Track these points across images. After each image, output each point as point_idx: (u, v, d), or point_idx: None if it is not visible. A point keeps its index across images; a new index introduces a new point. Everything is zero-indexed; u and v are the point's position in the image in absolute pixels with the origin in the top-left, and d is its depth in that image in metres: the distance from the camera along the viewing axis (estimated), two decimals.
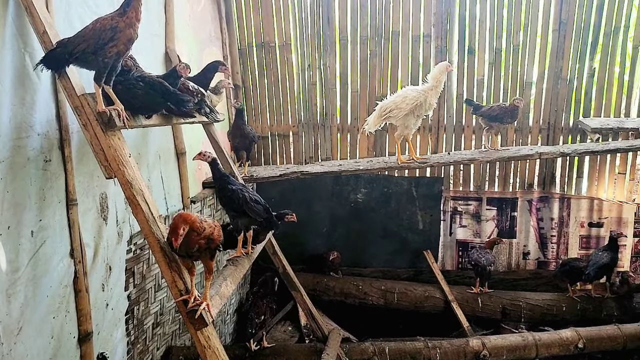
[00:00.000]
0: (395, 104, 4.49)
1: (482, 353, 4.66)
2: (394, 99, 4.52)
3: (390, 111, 4.52)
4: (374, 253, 6.02)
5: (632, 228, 5.73)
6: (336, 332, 4.68)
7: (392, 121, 4.61)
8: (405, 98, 4.45)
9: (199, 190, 4.65)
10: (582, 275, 5.24)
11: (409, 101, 4.42)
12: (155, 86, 2.83)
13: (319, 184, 5.83)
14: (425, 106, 4.49)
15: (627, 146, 5.05)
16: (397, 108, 4.47)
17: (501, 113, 4.91)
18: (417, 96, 4.42)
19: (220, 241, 2.47)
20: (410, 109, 4.44)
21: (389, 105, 4.53)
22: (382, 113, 4.58)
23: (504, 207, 5.86)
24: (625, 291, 5.29)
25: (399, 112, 4.48)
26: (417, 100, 4.42)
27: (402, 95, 4.51)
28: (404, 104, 4.44)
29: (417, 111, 4.50)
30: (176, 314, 4.09)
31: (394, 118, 4.54)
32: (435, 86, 4.45)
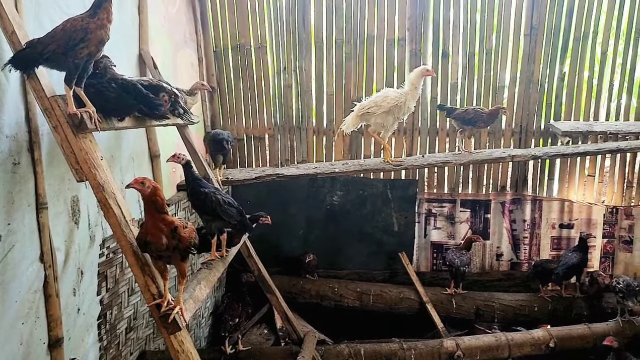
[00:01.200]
0: (375, 102, 4.56)
1: (456, 354, 4.72)
2: (374, 99, 4.61)
3: (369, 108, 4.57)
4: (349, 255, 6.04)
5: (601, 229, 5.86)
6: (312, 335, 4.69)
7: (370, 119, 4.66)
8: (387, 97, 4.53)
9: (174, 192, 4.61)
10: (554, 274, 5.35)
11: (390, 100, 4.51)
12: (128, 88, 2.80)
13: (294, 186, 5.83)
14: (404, 109, 4.55)
15: (596, 149, 5.17)
16: (376, 106, 4.54)
17: (476, 117, 4.97)
18: (397, 97, 4.51)
19: (191, 242, 2.45)
20: (389, 108, 4.50)
21: (368, 104, 4.60)
22: (361, 111, 4.63)
23: (477, 209, 5.94)
24: (594, 291, 5.40)
25: (377, 109, 4.56)
26: (398, 100, 4.49)
27: (382, 95, 4.60)
28: (384, 102, 4.52)
29: (396, 112, 4.57)
30: (150, 318, 4.04)
31: (372, 115, 4.60)
32: (413, 90, 4.51)
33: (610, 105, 5.65)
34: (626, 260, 5.88)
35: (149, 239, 2.37)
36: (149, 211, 2.39)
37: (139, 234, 2.44)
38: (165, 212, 2.39)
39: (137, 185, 2.38)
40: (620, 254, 5.89)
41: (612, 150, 5.17)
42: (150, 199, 2.37)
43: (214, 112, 5.70)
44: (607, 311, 5.35)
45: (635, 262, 5.84)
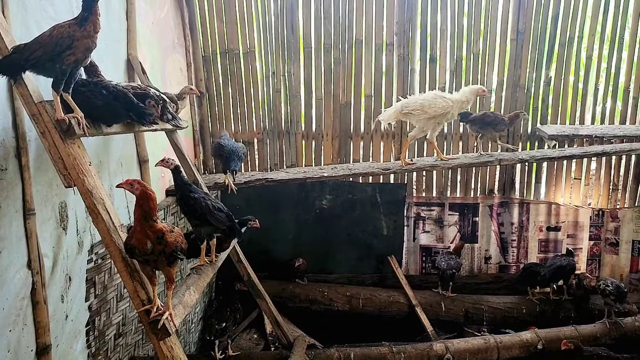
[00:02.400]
0: (422, 105, 4.60)
1: (445, 356, 4.73)
2: (421, 101, 4.63)
3: (413, 110, 4.60)
4: (339, 259, 6.06)
5: (588, 231, 5.92)
6: (301, 339, 4.68)
7: (412, 120, 4.73)
8: (434, 105, 4.57)
9: (162, 198, 4.59)
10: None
11: (437, 109, 4.56)
12: (118, 97, 2.79)
13: (284, 191, 5.83)
14: (447, 117, 4.65)
15: (582, 152, 5.23)
16: (422, 110, 4.59)
17: (496, 120, 5.04)
18: (445, 106, 4.57)
19: (178, 247, 2.44)
20: (434, 115, 4.56)
21: (413, 105, 4.63)
22: (404, 109, 4.66)
23: (465, 213, 5.98)
24: (581, 293, 5.45)
25: (422, 114, 4.60)
26: (445, 109, 4.55)
27: (430, 99, 4.63)
28: (430, 109, 4.57)
29: (439, 119, 4.63)
30: (139, 324, 4.02)
31: (415, 118, 4.65)
32: (463, 102, 4.61)
33: (595, 109, 5.71)
34: (612, 262, 5.94)
35: (133, 243, 2.37)
36: (137, 214, 2.39)
37: (126, 239, 2.44)
38: (152, 218, 2.39)
39: (126, 185, 2.40)
40: (606, 256, 5.96)
41: (597, 154, 5.23)
42: (139, 201, 2.37)
43: (203, 116, 5.70)
44: (594, 313, 5.40)
45: (622, 263, 5.91)
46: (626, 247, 5.88)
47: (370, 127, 5.71)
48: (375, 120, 5.32)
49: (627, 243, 5.88)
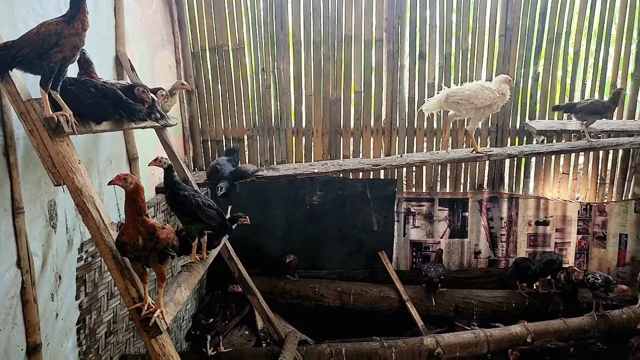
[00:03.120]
0: (468, 97, 4.66)
1: (436, 351, 4.77)
2: (468, 92, 4.68)
3: (460, 99, 4.66)
4: (330, 255, 6.07)
5: (576, 225, 5.98)
6: (293, 335, 4.70)
7: (456, 109, 4.79)
8: (480, 96, 4.63)
9: (152, 195, 4.59)
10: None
11: (484, 100, 4.62)
12: (107, 94, 2.78)
13: (274, 187, 5.83)
14: (493, 108, 4.73)
15: (570, 147, 5.27)
16: (468, 101, 4.65)
17: (603, 107, 5.10)
18: (492, 97, 4.64)
19: (169, 243, 2.44)
20: (481, 106, 4.64)
21: (460, 95, 4.68)
22: (450, 99, 4.71)
23: (455, 208, 6.01)
24: (570, 287, 5.51)
25: (469, 105, 4.67)
26: (492, 100, 4.63)
27: (476, 89, 4.68)
28: (477, 100, 4.63)
29: (485, 110, 4.70)
30: (130, 321, 4.02)
31: (463, 108, 4.70)
32: (504, 95, 4.68)
33: None
34: (600, 256, 6.00)
35: (124, 239, 2.37)
36: (129, 210, 2.38)
37: (118, 235, 2.44)
38: (144, 213, 2.39)
39: (119, 181, 2.39)
40: (594, 250, 6.02)
41: (585, 149, 5.28)
42: (132, 196, 2.37)
43: (192, 113, 5.68)
44: (582, 306, 5.45)
45: (609, 257, 5.97)
46: (613, 241, 5.95)
47: (361, 123, 5.73)
48: (418, 110, 5.38)
49: (614, 237, 5.94)
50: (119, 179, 2.39)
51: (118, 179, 2.39)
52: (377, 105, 5.77)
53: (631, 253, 5.91)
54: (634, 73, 5.62)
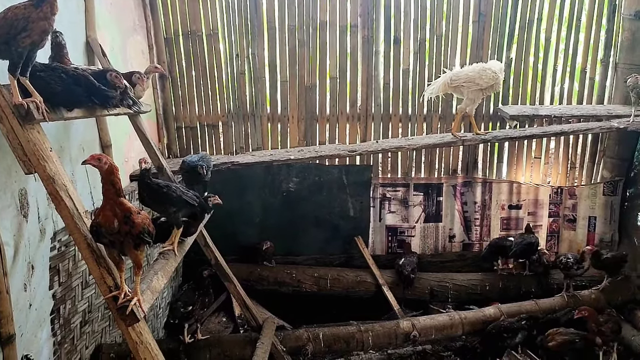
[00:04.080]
0: (472, 79, 4.71)
1: (412, 333, 4.85)
2: (470, 73, 4.74)
3: (465, 82, 4.72)
4: (306, 241, 6.09)
5: (547, 209, 6.11)
6: (270, 321, 4.72)
7: (460, 92, 4.85)
8: (483, 75, 4.68)
9: (127, 183, 4.52)
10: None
11: (488, 80, 4.68)
12: (79, 80, 2.73)
13: (250, 174, 5.80)
14: (495, 87, 4.79)
15: (542, 132, 5.36)
16: (472, 82, 4.71)
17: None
18: (494, 76, 4.69)
19: (144, 229, 2.42)
20: (485, 87, 4.71)
21: (463, 77, 4.74)
22: (454, 82, 4.76)
23: (430, 193, 6.07)
24: (542, 269, 5.64)
25: (472, 85, 4.72)
26: (494, 79, 4.69)
27: (478, 70, 4.73)
28: (481, 80, 4.69)
29: (488, 90, 4.77)
30: (106, 310, 3.98)
31: (466, 89, 4.75)
32: (502, 70, 4.78)
33: (554, 90, 5.86)
34: (570, 238, 6.15)
35: (100, 221, 2.34)
36: (106, 192, 2.36)
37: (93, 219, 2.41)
38: (121, 194, 2.37)
39: (93, 161, 2.37)
40: (564, 232, 6.16)
41: (556, 133, 5.38)
42: (108, 177, 2.34)
43: (166, 100, 5.61)
44: (553, 287, 5.60)
45: (579, 239, 6.12)
46: (583, 223, 6.09)
47: (336, 109, 5.73)
48: (421, 95, 5.36)
49: (583, 219, 6.09)
50: (93, 159, 2.37)
51: (92, 159, 2.37)
52: (353, 91, 5.77)
53: (600, 235, 6.07)
54: (602, 59, 5.73)
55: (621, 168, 5.87)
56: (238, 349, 4.46)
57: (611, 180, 5.92)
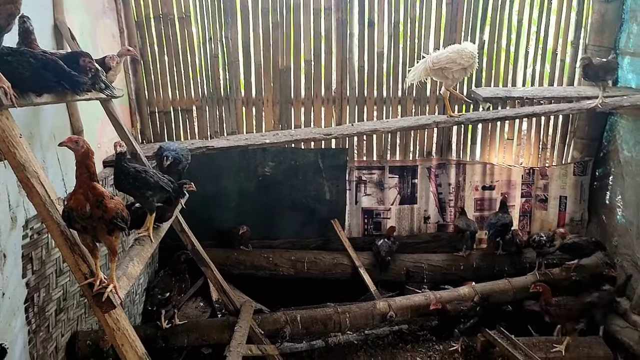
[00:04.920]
0: (452, 59, 4.72)
1: (388, 314, 4.93)
2: (450, 54, 4.74)
3: (447, 63, 4.73)
4: (283, 225, 6.10)
5: (520, 189, 6.22)
6: (248, 305, 4.74)
7: (443, 75, 4.84)
8: (463, 54, 4.70)
9: (100, 169, 4.46)
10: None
11: (467, 58, 4.70)
12: (48, 65, 2.67)
13: (225, 158, 5.77)
14: (475, 65, 4.82)
15: (514, 114, 5.44)
16: (454, 62, 4.72)
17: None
18: (472, 55, 4.74)
19: (118, 214, 2.40)
20: (468, 65, 4.74)
21: (444, 59, 4.74)
22: (436, 65, 4.76)
23: (405, 175, 6.13)
24: (514, 248, 5.76)
25: (454, 66, 4.73)
26: (474, 58, 4.72)
27: (456, 50, 4.75)
28: (462, 59, 4.71)
29: (470, 68, 4.79)
30: (81, 298, 3.95)
31: (448, 71, 4.76)
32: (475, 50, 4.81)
33: (526, 72, 5.93)
34: (542, 218, 6.28)
35: (71, 205, 2.32)
36: (80, 176, 2.34)
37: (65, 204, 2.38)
38: (95, 179, 2.35)
39: (70, 143, 2.35)
40: (536, 212, 6.28)
41: (528, 115, 5.46)
42: (83, 160, 2.32)
43: (139, 84, 5.53)
44: (526, 266, 5.73)
45: (550, 219, 6.25)
46: (554, 203, 6.23)
47: (311, 92, 5.72)
48: (404, 82, 5.35)
49: (554, 199, 6.22)
50: (70, 141, 2.35)
51: (69, 141, 2.35)
52: (328, 74, 5.76)
53: (570, 214, 6.21)
54: (573, 41, 5.81)
55: (591, 148, 5.99)
56: (216, 333, 4.49)
57: (581, 161, 6.04)
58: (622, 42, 5.46)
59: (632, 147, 5.30)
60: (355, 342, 4.89)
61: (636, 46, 5.19)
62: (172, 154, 3.80)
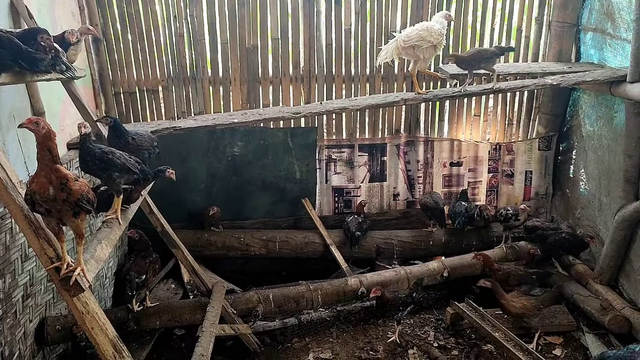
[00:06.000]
0: (422, 37, 4.65)
1: (360, 290, 4.99)
2: (420, 32, 4.67)
3: (417, 41, 4.67)
4: (254, 205, 6.09)
5: (487, 165, 6.32)
6: (220, 285, 4.74)
7: (417, 54, 4.77)
8: (432, 32, 4.64)
9: (64, 152, 4.36)
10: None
11: (436, 35, 4.65)
12: (3, 43, 2.58)
13: (193, 139, 5.70)
14: (443, 43, 4.78)
15: (480, 90, 5.46)
16: (423, 40, 4.66)
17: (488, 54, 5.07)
18: (442, 31, 4.69)
19: (83, 196, 2.35)
20: (438, 42, 4.69)
21: (414, 37, 4.66)
22: (406, 43, 4.68)
23: (374, 153, 6.16)
24: (482, 223, 5.88)
25: (424, 43, 4.68)
26: (442, 35, 4.68)
27: (425, 29, 4.68)
28: (431, 37, 4.65)
29: (439, 46, 4.76)
30: (49, 283, 3.89)
31: (419, 49, 4.71)
32: (444, 27, 4.75)
33: None
34: (508, 192, 6.41)
35: (34, 188, 2.26)
36: (42, 158, 2.28)
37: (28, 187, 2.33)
38: (57, 161, 2.29)
39: (30, 124, 2.29)
40: (503, 187, 6.41)
41: (494, 91, 5.49)
42: (44, 142, 2.26)
43: (102, 64, 5.39)
44: (493, 240, 5.86)
45: (516, 193, 6.39)
46: (520, 178, 6.36)
47: (279, 70, 5.67)
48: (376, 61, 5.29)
49: (520, 174, 6.35)
50: (30, 122, 2.28)
51: (29, 122, 2.28)
52: (295, 53, 5.71)
53: (535, 188, 6.36)
54: (537, 17, 5.88)
55: (555, 123, 6.11)
56: (188, 314, 4.48)
57: (546, 136, 6.16)
58: (584, 18, 5.55)
59: (594, 122, 5.42)
60: (327, 318, 4.94)
61: (598, 22, 5.28)
62: (112, 119, 3.69)
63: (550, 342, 4.61)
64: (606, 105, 5.17)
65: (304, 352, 4.54)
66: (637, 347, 3.30)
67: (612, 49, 5.08)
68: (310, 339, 4.73)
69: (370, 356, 4.45)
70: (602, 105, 5.25)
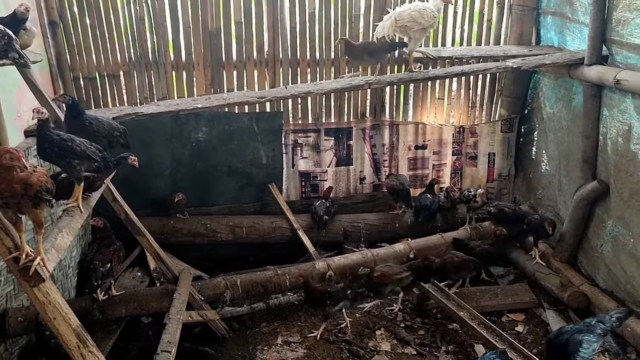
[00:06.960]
0: (414, 18, 4.69)
1: (327, 273, 5.03)
2: (412, 13, 4.71)
3: (408, 22, 4.71)
4: (220, 191, 6.05)
5: (451, 147, 6.41)
6: (187, 272, 4.70)
7: (409, 34, 4.84)
8: (424, 15, 4.68)
9: (22, 139, 4.24)
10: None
11: (428, 18, 4.70)
12: None
13: (157, 125, 5.61)
14: (434, 26, 4.84)
15: (444, 73, 5.52)
16: (415, 22, 4.71)
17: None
18: (435, 15, 4.72)
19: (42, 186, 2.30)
20: (427, 26, 4.74)
21: (407, 18, 4.71)
22: (399, 22, 4.73)
23: (340, 137, 6.17)
24: (448, 205, 5.98)
25: (416, 27, 4.73)
26: (434, 18, 4.70)
27: (417, 10, 4.72)
28: (424, 19, 4.70)
29: (429, 28, 4.81)
30: (9, 274, 3.79)
31: (410, 30, 4.76)
32: (439, 10, 4.80)
33: (455, 32, 6.04)
34: (472, 174, 6.52)
35: None
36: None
37: None
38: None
39: None
40: (467, 169, 6.52)
41: (457, 74, 5.53)
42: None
43: (59, 48, 5.24)
44: (458, 221, 5.97)
45: (480, 175, 6.51)
46: (483, 160, 6.47)
47: (243, 55, 5.61)
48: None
49: (484, 156, 6.46)
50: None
51: None
52: (259, 36, 5.65)
53: (498, 170, 6.49)
54: (498, 1, 5.94)
55: (516, 106, 6.22)
56: (155, 301, 4.44)
57: (508, 118, 6.28)
58: (544, 2, 5.65)
59: (553, 104, 5.55)
60: (295, 302, 4.98)
61: (557, 5, 5.39)
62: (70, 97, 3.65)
63: (512, 319, 4.76)
64: (565, 87, 5.29)
65: (272, 336, 4.56)
66: (592, 321, 3.45)
67: (571, 32, 5.19)
68: (278, 323, 4.75)
69: (338, 338, 4.50)
70: (561, 88, 5.38)
